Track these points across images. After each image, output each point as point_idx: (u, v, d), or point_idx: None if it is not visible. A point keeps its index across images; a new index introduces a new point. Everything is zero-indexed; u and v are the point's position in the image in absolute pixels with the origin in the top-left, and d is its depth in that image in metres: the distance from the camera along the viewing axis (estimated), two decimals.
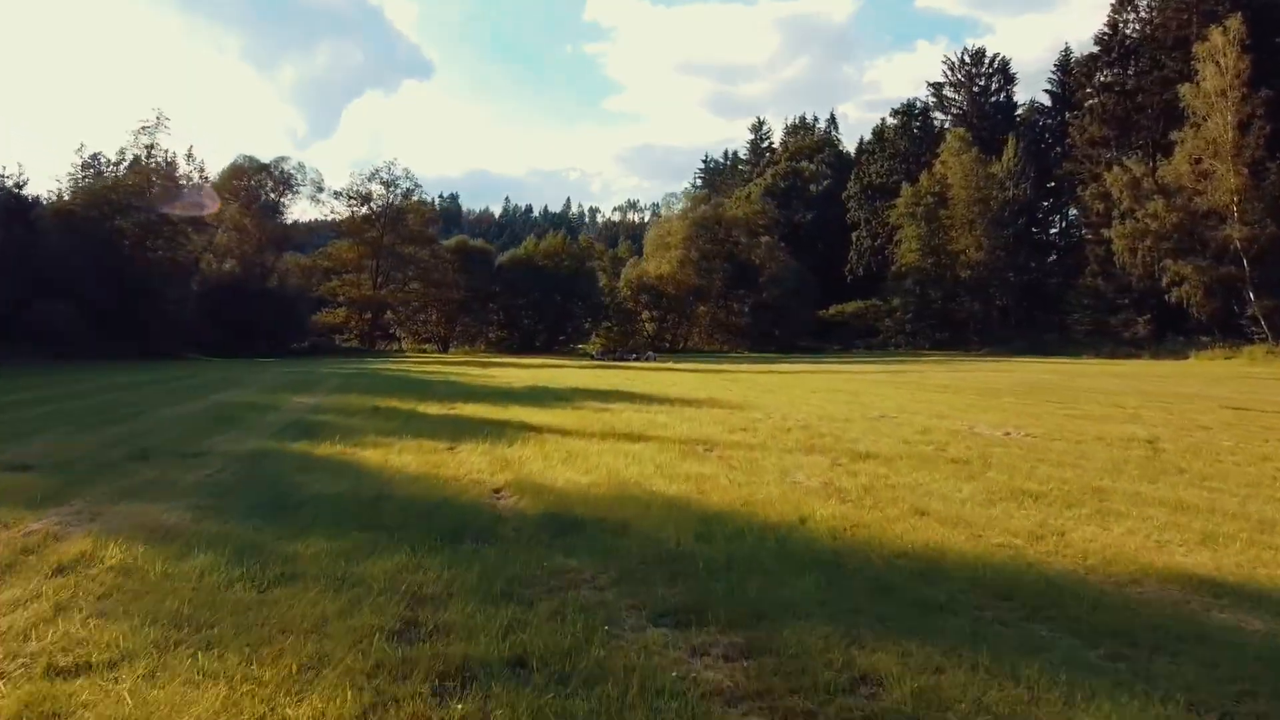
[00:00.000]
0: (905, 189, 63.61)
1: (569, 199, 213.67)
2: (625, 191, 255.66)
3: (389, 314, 59.92)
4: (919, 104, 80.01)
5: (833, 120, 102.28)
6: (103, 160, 41.15)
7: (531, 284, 58.67)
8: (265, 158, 54.76)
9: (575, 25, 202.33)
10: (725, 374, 26.96)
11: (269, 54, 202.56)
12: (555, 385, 19.69)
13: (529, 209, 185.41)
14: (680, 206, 65.79)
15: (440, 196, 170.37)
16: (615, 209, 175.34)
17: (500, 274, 60.49)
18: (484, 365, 32.47)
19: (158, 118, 42.41)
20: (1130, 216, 50.28)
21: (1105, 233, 53.27)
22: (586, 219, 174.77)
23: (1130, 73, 58.61)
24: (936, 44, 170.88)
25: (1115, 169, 51.71)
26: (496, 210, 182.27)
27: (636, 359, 44.94)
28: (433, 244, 58.84)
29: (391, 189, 57.70)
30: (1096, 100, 60.47)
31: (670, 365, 35.75)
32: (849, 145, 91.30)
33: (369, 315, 57.50)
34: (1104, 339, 52.68)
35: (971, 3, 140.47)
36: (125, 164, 41.63)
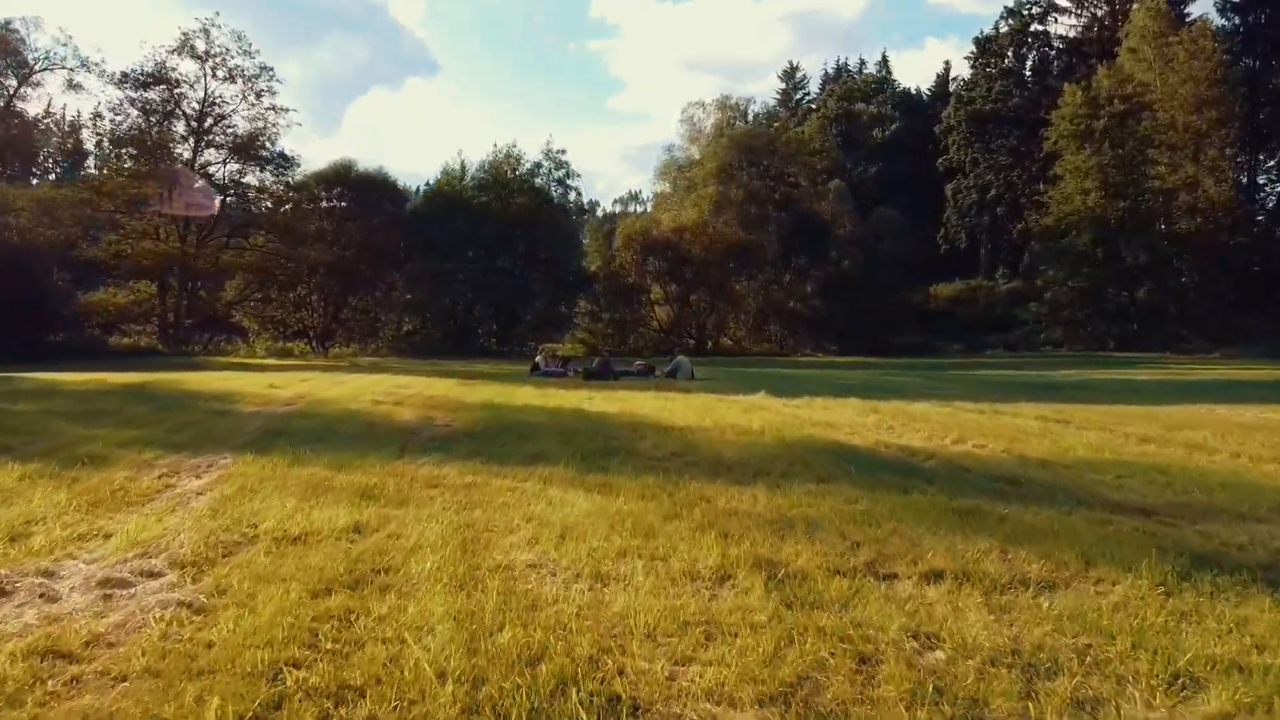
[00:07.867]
0: (1069, 93, 39.68)
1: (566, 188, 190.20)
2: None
3: (223, 292, 35.24)
4: (1036, 4, 56.62)
5: (884, 63, 78.52)
6: None
7: (464, 242, 34.75)
8: None
9: (581, 21, 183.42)
10: None
11: (273, 50, 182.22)
12: None
13: None
14: (712, 120, 41.11)
15: (427, 185, 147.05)
16: (615, 201, 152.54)
17: (416, 228, 36.40)
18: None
19: None
20: None
21: None
22: (587, 213, 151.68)
23: None
24: (946, 41, 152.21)
25: None
26: None
27: (646, 373, 20.51)
28: (288, 169, 34.05)
29: (211, 64, 32.39)
30: None
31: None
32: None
33: (174, 293, 32.89)
34: None
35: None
36: None
